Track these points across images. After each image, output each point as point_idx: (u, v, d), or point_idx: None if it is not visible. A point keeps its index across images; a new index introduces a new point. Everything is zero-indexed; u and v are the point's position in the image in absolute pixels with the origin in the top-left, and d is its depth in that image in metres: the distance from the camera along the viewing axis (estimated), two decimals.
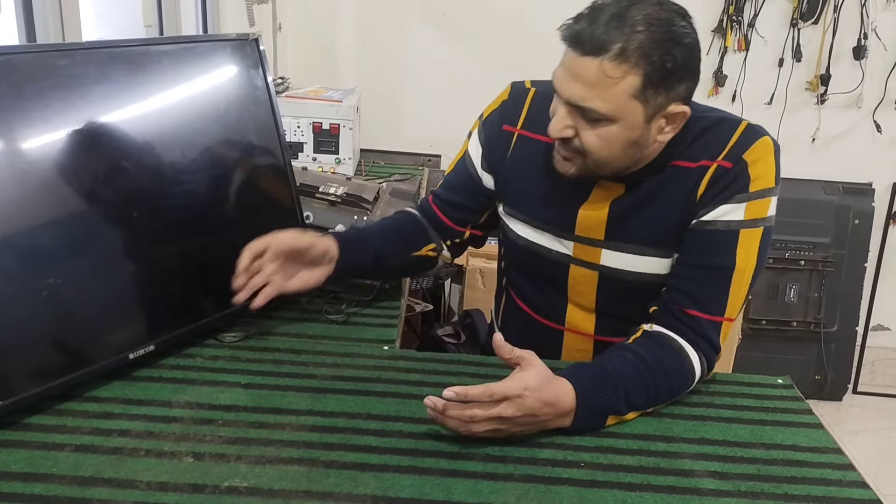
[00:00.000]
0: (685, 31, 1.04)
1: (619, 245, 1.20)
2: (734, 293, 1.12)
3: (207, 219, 1.24)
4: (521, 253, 1.31)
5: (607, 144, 1.08)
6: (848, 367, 2.99)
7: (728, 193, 1.11)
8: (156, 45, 1.22)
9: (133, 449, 0.94)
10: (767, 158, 1.12)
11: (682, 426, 1.06)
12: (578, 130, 1.09)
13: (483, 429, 0.96)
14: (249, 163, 1.31)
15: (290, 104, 2.10)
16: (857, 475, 0.98)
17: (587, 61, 1.03)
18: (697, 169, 1.14)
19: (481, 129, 1.32)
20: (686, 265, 1.15)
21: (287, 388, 1.09)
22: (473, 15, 2.74)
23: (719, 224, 1.12)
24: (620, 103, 1.04)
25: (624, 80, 1.02)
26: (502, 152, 1.29)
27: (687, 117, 1.10)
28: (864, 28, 2.65)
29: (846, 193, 2.84)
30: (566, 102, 1.08)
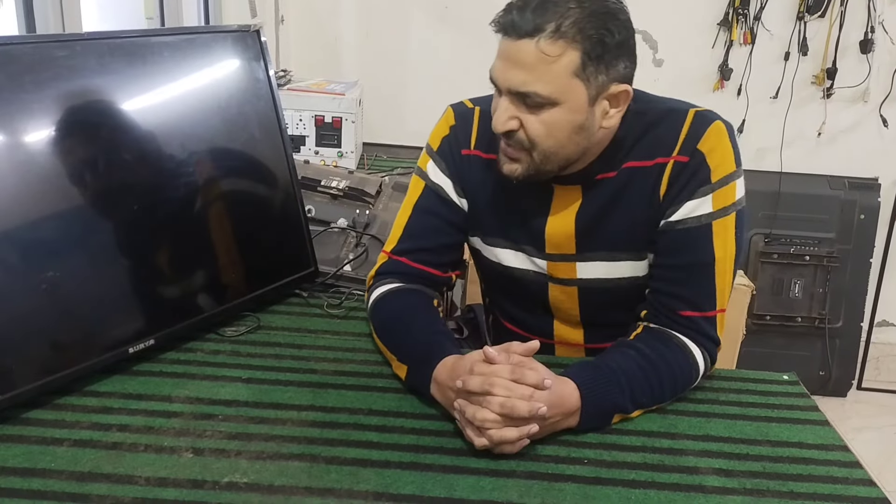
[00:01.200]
0: (619, 6, 1.03)
1: (592, 255, 1.19)
2: (720, 284, 1.11)
3: (207, 212, 1.23)
4: (497, 276, 1.28)
5: (553, 131, 1.05)
6: (852, 362, 2.98)
7: (691, 188, 1.10)
8: (156, 36, 1.21)
9: (132, 444, 0.93)
10: (723, 144, 1.10)
11: (686, 423, 1.05)
12: (522, 121, 1.06)
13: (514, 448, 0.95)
14: (250, 156, 1.30)
15: (293, 97, 2.08)
16: (864, 472, 0.97)
17: (524, 44, 1.01)
18: (654, 167, 1.12)
19: (438, 161, 1.23)
20: (667, 268, 1.13)
21: (288, 382, 1.09)
22: (477, 7, 2.70)
23: (690, 222, 1.11)
24: (562, 83, 1.02)
25: (563, 58, 1.01)
26: (468, 177, 1.23)
27: (630, 97, 1.08)
28: (871, 21, 2.63)
29: (852, 188, 2.82)
30: (507, 92, 1.05)
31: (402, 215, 1.25)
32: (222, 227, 1.25)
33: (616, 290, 1.20)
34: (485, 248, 1.27)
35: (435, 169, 1.24)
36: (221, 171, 1.25)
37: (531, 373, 0.96)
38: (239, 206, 1.28)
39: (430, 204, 1.23)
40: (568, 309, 1.25)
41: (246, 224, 1.28)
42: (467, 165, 1.23)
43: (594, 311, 1.24)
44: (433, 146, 1.25)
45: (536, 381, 0.95)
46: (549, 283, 1.23)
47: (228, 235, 1.26)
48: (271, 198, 1.34)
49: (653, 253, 1.16)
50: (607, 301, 1.21)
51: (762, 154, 2.77)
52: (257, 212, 1.31)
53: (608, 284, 1.20)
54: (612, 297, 1.21)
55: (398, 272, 1.22)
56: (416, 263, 1.22)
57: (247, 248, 1.29)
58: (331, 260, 1.46)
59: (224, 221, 1.25)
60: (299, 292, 1.37)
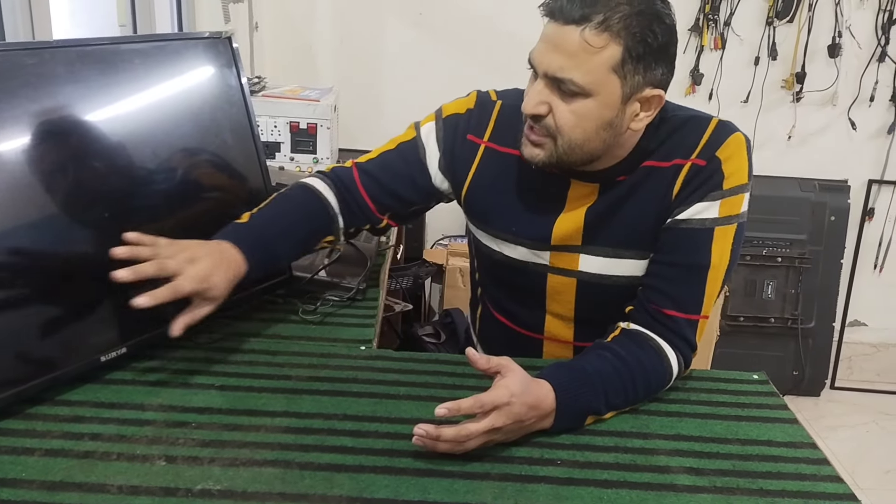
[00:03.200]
0: (666, 11, 1.05)
1: (597, 249, 1.19)
2: (709, 291, 1.13)
3: (180, 219, 1.22)
4: (495, 266, 1.29)
5: (581, 122, 1.06)
6: (825, 362, 3.02)
7: (703, 191, 1.11)
8: (126, 43, 1.20)
9: (104, 453, 0.93)
10: (740, 155, 1.12)
11: (658, 423, 1.06)
12: (553, 107, 1.07)
13: (476, 444, 0.94)
14: (223, 163, 1.30)
15: (267, 103, 2.08)
16: (832, 469, 0.98)
17: (569, 30, 1.02)
18: (671, 168, 1.14)
19: (440, 128, 1.25)
20: (662, 264, 1.15)
21: (262, 389, 1.08)
22: (451, 14, 2.73)
23: (694, 222, 1.12)
24: (599, 76, 1.03)
25: (605, 51, 1.02)
26: (465, 162, 1.25)
27: (662, 102, 1.09)
28: (839, 26, 2.68)
29: (822, 190, 2.86)
30: (543, 76, 1.06)
31: (386, 146, 1.30)
32: (195, 234, 1.24)
33: (614, 287, 1.20)
34: (485, 237, 1.28)
35: (430, 132, 1.26)
36: (194, 179, 1.24)
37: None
38: (211, 213, 1.27)
39: (408, 154, 1.27)
40: (563, 302, 1.26)
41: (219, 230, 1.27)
42: (469, 151, 1.24)
43: (588, 306, 1.25)
44: (443, 113, 1.27)
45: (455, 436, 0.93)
46: (549, 274, 1.24)
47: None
48: (245, 204, 1.33)
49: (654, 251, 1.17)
50: (604, 297, 1.22)
51: None
52: (230, 218, 1.30)
53: (607, 281, 1.21)
54: (608, 294, 1.21)
55: (344, 181, 1.27)
56: (362, 186, 1.27)
57: None
58: (306, 265, 1.45)
59: (197, 228, 1.24)
60: (274, 298, 1.36)
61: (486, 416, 0.93)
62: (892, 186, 2.89)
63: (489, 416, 0.93)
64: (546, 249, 1.22)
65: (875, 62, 2.73)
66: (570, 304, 1.26)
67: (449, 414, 0.91)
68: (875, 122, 2.82)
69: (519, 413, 0.95)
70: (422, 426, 0.92)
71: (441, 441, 0.92)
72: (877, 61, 2.72)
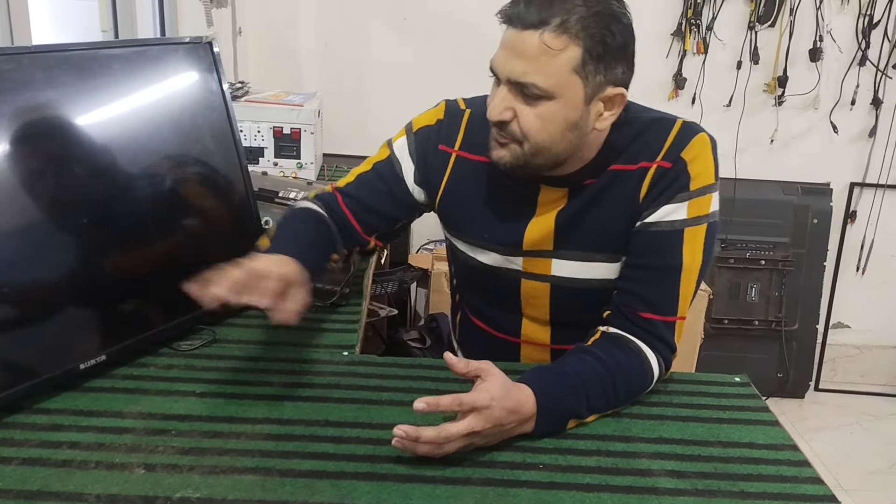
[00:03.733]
0: (623, 11, 1.06)
1: (569, 253, 1.20)
2: (684, 292, 1.13)
3: (161, 225, 1.22)
4: (471, 273, 1.30)
5: (546, 125, 1.07)
6: (809, 364, 3.04)
7: (670, 193, 1.12)
8: (106, 48, 1.20)
9: (82, 461, 0.92)
10: (705, 155, 1.13)
11: (640, 426, 1.06)
12: (517, 112, 1.07)
13: (456, 447, 0.94)
14: (204, 168, 1.29)
15: (250, 108, 2.07)
16: (813, 471, 0.99)
17: (527, 35, 1.03)
18: (638, 171, 1.14)
19: (412, 141, 1.27)
20: (635, 267, 1.16)
21: (243, 396, 1.08)
22: (436, 19, 2.74)
23: (663, 225, 1.13)
24: (561, 78, 1.04)
25: (564, 53, 1.02)
26: (437, 172, 1.26)
27: (625, 101, 1.10)
28: (820, 30, 2.70)
29: (805, 193, 2.88)
30: (506, 81, 1.07)
31: (363, 167, 1.32)
32: (175, 240, 1.24)
33: (587, 290, 1.21)
34: (459, 244, 1.29)
35: (403, 146, 1.28)
36: (174, 184, 1.23)
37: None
38: (192, 218, 1.27)
39: (385, 171, 1.29)
40: (538, 306, 1.26)
41: (200, 236, 1.27)
42: (441, 161, 1.25)
43: (563, 309, 1.25)
44: (413, 127, 1.28)
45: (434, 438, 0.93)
46: (523, 279, 1.24)
47: (182, 248, 1.24)
48: (226, 209, 1.33)
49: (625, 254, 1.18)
50: (578, 301, 1.23)
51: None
52: (211, 224, 1.30)
53: (580, 284, 1.21)
54: (582, 298, 1.22)
55: (329, 205, 1.30)
56: (346, 208, 1.30)
57: (201, 260, 1.27)
58: None
59: (177, 234, 1.24)
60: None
61: (465, 416, 0.93)
62: (873, 189, 2.91)
63: (468, 419, 0.93)
64: (518, 255, 1.23)
65: (856, 66, 2.75)
66: (545, 308, 1.26)
67: (427, 409, 0.92)
68: (856, 126, 2.85)
69: (499, 417, 0.95)
70: (401, 427, 0.92)
71: (421, 443, 0.92)
72: (857, 65, 2.75)
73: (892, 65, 2.75)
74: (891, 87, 2.78)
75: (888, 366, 3.13)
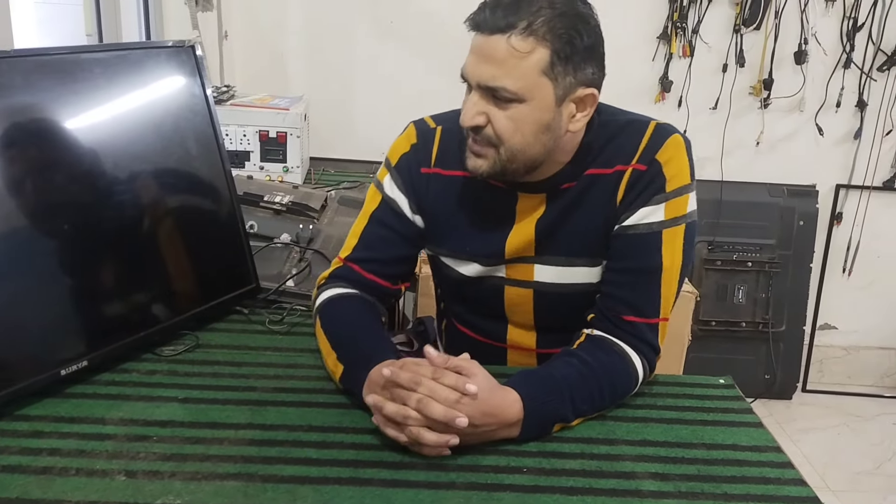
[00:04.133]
0: (589, 12, 1.07)
1: (550, 259, 1.20)
2: (665, 293, 1.14)
3: (143, 230, 1.21)
4: (454, 284, 1.29)
5: (520, 127, 1.07)
6: (796, 365, 3.05)
7: (646, 196, 1.13)
8: (87, 52, 1.19)
9: (63, 468, 0.91)
10: (680, 156, 1.14)
11: (624, 428, 1.06)
12: (490, 117, 1.08)
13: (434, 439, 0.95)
14: (187, 172, 1.28)
15: (236, 112, 2.07)
16: (796, 473, 0.99)
17: (495, 40, 1.03)
18: (614, 174, 1.15)
19: (396, 176, 1.24)
20: (616, 271, 1.16)
21: (226, 401, 1.07)
22: (422, 23, 2.73)
23: (641, 227, 1.13)
24: (530, 80, 1.04)
25: (532, 55, 1.03)
26: (425, 194, 1.24)
27: (597, 101, 1.11)
28: (805, 33, 2.72)
29: (791, 195, 2.90)
30: (477, 87, 1.07)
31: (359, 224, 1.27)
32: (158, 244, 1.23)
33: (570, 294, 1.21)
34: (443, 259, 1.28)
35: (391, 184, 1.25)
36: (156, 189, 1.23)
37: (451, 375, 0.97)
38: (175, 223, 1.26)
39: (385, 216, 1.25)
40: (522, 312, 1.26)
41: (183, 241, 1.27)
42: (425, 183, 1.23)
43: (547, 314, 1.25)
44: (392, 161, 1.26)
45: (454, 384, 0.96)
46: (506, 286, 1.24)
47: (164, 253, 1.24)
48: (209, 214, 1.33)
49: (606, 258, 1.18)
50: (561, 305, 1.23)
51: (703, 163, 2.84)
52: (194, 228, 1.29)
53: (563, 289, 1.21)
54: (566, 302, 1.22)
55: (350, 279, 1.23)
56: (367, 273, 1.24)
57: (184, 265, 1.27)
58: (273, 275, 1.45)
59: (159, 239, 1.24)
60: (240, 309, 1.35)
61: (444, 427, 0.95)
62: (859, 191, 2.92)
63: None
64: (501, 264, 1.23)
65: (841, 68, 2.76)
66: (530, 314, 1.26)
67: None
68: (842, 128, 2.86)
69: (470, 415, 0.95)
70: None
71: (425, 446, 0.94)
72: (842, 68, 2.76)
73: (877, 67, 2.77)
74: (875, 89, 2.80)
75: (874, 367, 3.15)
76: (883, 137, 2.84)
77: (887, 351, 3.13)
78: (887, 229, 2.96)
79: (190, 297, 1.26)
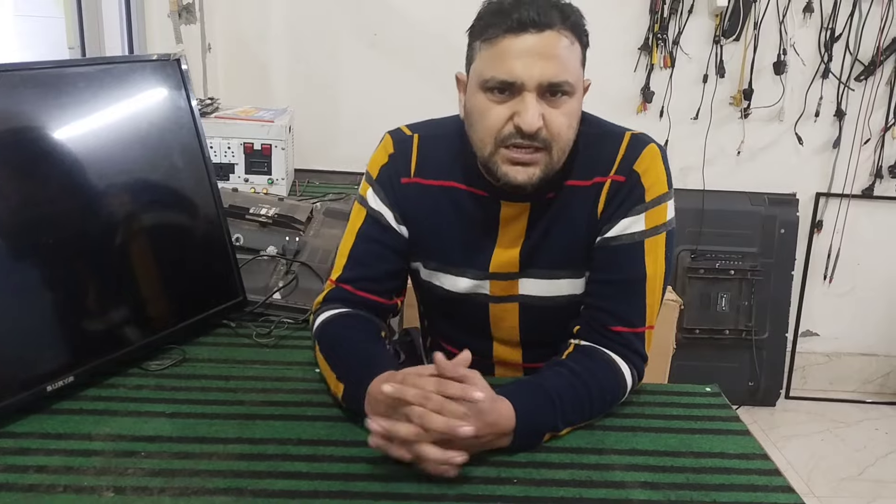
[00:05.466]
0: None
1: (535, 272, 1.21)
2: (650, 302, 1.15)
3: (129, 244, 1.20)
4: (437, 299, 1.28)
5: (571, 122, 1.09)
6: (780, 372, 3.07)
7: (626, 207, 1.14)
8: (71, 66, 1.19)
9: (50, 485, 0.90)
10: (657, 165, 1.15)
11: (613, 438, 1.07)
12: (545, 116, 1.06)
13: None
14: (172, 186, 1.28)
15: (220, 125, 2.06)
16: (783, 480, 1.00)
17: (548, 35, 1.04)
18: (593, 187, 1.16)
19: (377, 189, 1.23)
20: (600, 283, 1.17)
21: (214, 415, 1.07)
22: (406, 34, 2.74)
23: (623, 238, 1.14)
24: (578, 72, 1.08)
25: (575, 47, 1.07)
26: (407, 205, 1.22)
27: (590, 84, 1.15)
28: (783, 44, 2.75)
29: (772, 204, 2.92)
30: (536, 87, 1.05)
31: (346, 242, 1.25)
32: (144, 258, 1.23)
33: (555, 307, 1.22)
34: (426, 273, 1.27)
35: (374, 197, 1.23)
36: (142, 202, 1.22)
37: (456, 385, 0.96)
38: (161, 236, 1.26)
39: (372, 231, 1.23)
40: (508, 328, 1.26)
41: (169, 255, 1.26)
42: (407, 193, 1.22)
43: (533, 328, 1.25)
44: (372, 174, 1.24)
45: (459, 393, 0.95)
46: (490, 304, 1.24)
47: (150, 267, 1.23)
48: (195, 227, 1.32)
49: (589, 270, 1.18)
50: (547, 318, 1.23)
51: (686, 173, 2.86)
52: (181, 242, 1.29)
53: (548, 302, 1.22)
54: (551, 315, 1.22)
55: (344, 299, 1.22)
56: (361, 291, 1.22)
57: (170, 279, 1.27)
58: (260, 288, 1.44)
59: (146, 253, 1.23)
60: (227, 322, 1.35)
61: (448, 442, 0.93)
62: (838, 199, 2.96)
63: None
64: (485, 278, 1.22)
65: (819, 78, 2.80)
66: (515, 329, 1.26)
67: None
68: (821, 137, 2.90)
69: (475, 425, 0.94)
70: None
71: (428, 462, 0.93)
72: (821, 77, 2.80)
73: (854, 77, 2.81)
74: (853, 98, 2.83)
75: (856, 373, 3.18)
76: (861, 146, 2.88)
77: (868, 357, 3.16)
78: (867, 236, 3.00)
79: (176, 311, 1.26)
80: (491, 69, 1.06)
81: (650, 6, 2.70)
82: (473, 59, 1.11)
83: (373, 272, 1.23)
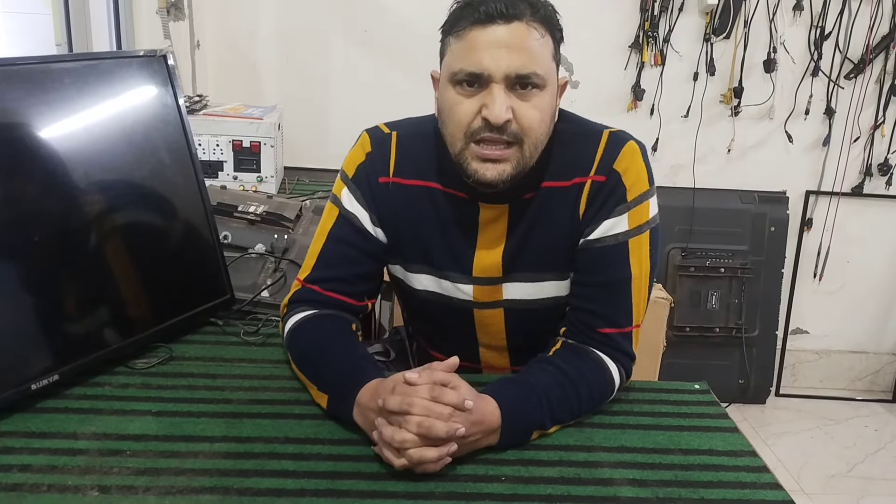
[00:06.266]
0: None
1: (518, 276, 1.19)
2: (636, 301, 1.14)
3: (115, 241, 1.19)
4: (421, 305, 1.27)
5: (543, 116, 1.07)
6: (770, 370, 3.08)
7: (608, 207, 1.13)
8: (56, 62, 1.17)
9: (34, 485, 0.89)
10: (637, 163, 1.13)
11: (602, 435, 1.06)
12: (514, 110, 1.04)
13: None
14: (159, 183, 1.27)
15: (209, 122, 2.05)
16: (772, 477, 1.00)
17: (516, 27, 1.03)
18: (573, 187, 1.14)
19: (353, 189, 1.19)
20: (585, 285, 1.16)
21: (201, 414, 1.06)
22: (396, 32, 2.74)
23: (607, 240, 1.13)
24: (549, 64, 1.06)
25: (546, 39, 1.06)
26: (385, 206, 1.19)
27: (563, 91, 1.13)
28: (774, 42, 2.76)
29: (762, 202, 2.93)
30: (503, 79, 1.03)
31: (316, 243, 1.22)
32: (130, 256, 1.22)
33: (541, 310, 1.21)
34: (407, 277, 1.25)
35: (350, 197, 1.20)
36: (128, 199, 1.21)
37: (451, 393, 0.95)
38: (148, 234, 1.25)
39: (344, 233, 1.20)
40: (494, 333, 1.25)
41: (156, 252, 1.25)
42: (385, 194, 1.19)
43: (520, 333, 1.25)
44: (348, 173, 1.21)
45: (456, 402, 0.95)
46: (475, 310, 1.23)
47: (137, 265, 1.22)
48: (182, 225, 1.31)
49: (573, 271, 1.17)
50: (532, 322, 1.22)
51: (676, 171, 2.87)
52: (168, 239, 1.28)
53: (533, 305, 1.21)
54: (537, 318, 1.21)
55: (311, 300, 1.19)
56: (328, 292, 1.19)
57: (157, 277, 1.26)
58: (248, 286, 1.43)
59: (132, 250, 1.22)
60: (215, 320, 1.34)
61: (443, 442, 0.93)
62: (828, 197, 2.97)
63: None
64: (469, 283, 1.20)
65: (809, 76, 2.81)
66: (501, 334, 1.25)
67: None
68: (811, 135, 2.90)
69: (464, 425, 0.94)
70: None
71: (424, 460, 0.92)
72: (810, 75, 2.81)
73: (844, 75, 2.82)
74: (843, 96, 2.84)
75: (846, 370, 3.19)
76: (851, 144, 2.89)
77: (858, 354, 3.18)
78: (856, 234, 3.01)
79: (163, 309, 1.25)
80: (459, 62, 1.05)
81: (641, 4, 2.70)
82: (445, 55, 1.11)
83: (343, 273, 1.20)
